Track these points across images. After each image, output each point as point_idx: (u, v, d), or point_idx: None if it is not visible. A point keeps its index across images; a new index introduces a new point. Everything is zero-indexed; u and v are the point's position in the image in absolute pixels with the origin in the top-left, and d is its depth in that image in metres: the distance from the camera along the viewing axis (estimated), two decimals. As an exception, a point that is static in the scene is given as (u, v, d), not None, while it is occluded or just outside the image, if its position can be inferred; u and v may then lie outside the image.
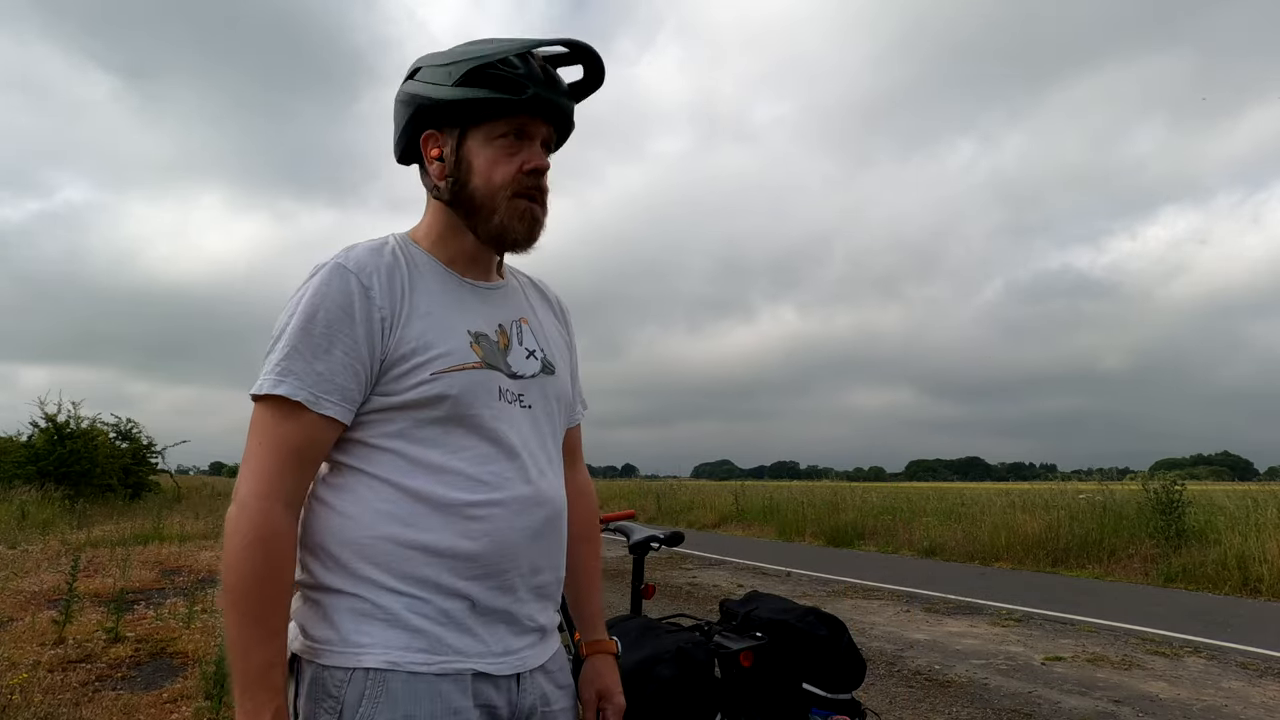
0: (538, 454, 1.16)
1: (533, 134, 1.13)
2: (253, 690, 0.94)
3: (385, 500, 1.05)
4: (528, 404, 1.16)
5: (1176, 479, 10.94)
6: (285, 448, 1.00)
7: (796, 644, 1.78)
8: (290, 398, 1.00)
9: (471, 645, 1.05)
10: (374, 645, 1.01)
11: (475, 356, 1.10)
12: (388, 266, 1.09)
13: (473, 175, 1.12)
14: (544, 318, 1.29)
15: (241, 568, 0.96)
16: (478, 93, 1.09)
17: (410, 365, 1.06)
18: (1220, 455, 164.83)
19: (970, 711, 4.26)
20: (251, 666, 0.95)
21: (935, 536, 12.74)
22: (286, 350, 1.02)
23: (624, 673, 1.61)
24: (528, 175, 1.11)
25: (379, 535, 1.03)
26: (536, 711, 1.13)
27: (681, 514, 19.93)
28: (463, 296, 1.15)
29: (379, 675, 0.99)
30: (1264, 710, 4.31)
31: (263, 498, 0.98)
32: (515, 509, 1.09)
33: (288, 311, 1.06)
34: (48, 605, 6.34)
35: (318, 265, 1.08)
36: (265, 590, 0.96)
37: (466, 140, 1.12)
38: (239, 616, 0.96)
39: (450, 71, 1.11)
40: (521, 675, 1.11)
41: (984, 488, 25.88)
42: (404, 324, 1.07)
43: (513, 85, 1.09)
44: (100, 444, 20.29)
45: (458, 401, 1.07)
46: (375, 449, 1.07)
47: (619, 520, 2.66)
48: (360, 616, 1.02)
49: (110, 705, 3.92)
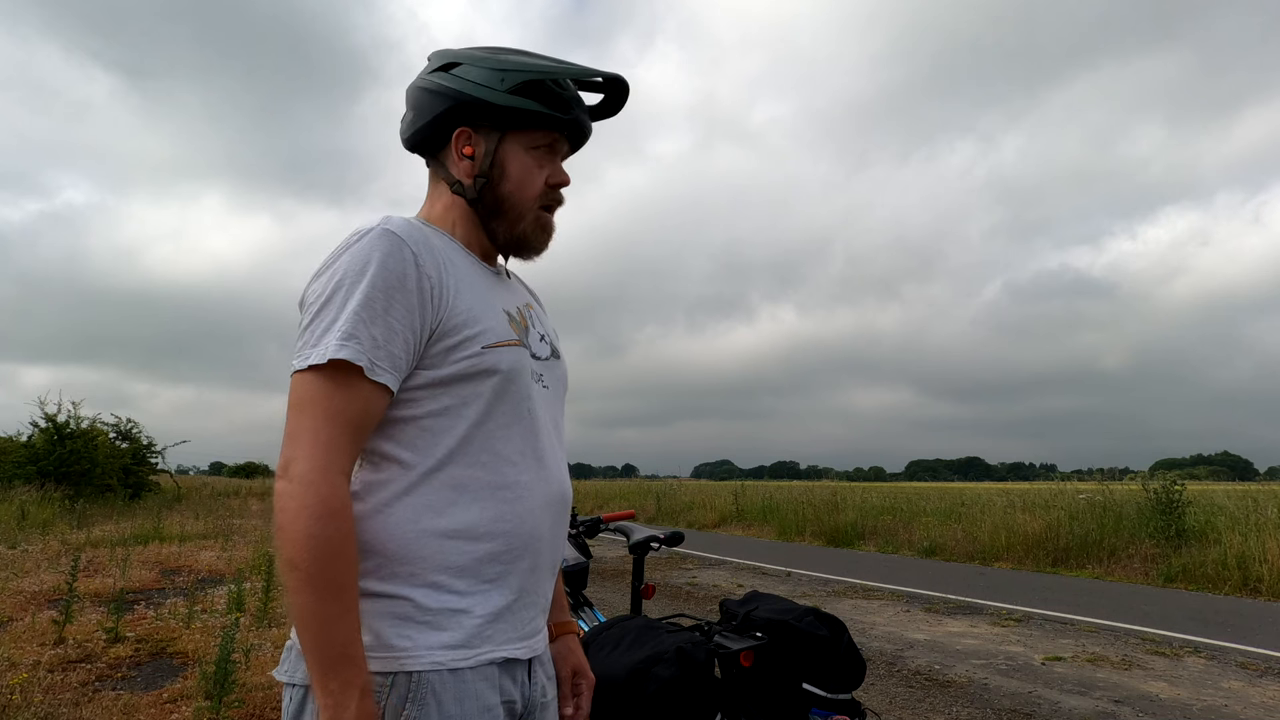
0: (553, 436, 1.18)
1: (560, 150, 1.20)
2: (338, 667, 0.90)
3: (420, 492, 1.03)
4: (546, 385, 1.18)
5: (1176, 479, 10.94)
6: (341, 418, 0.97)
7: (796, 644, 1.78)
8: (353, 361, 0.96)
9: (504, 631, 1.05)
10: (415, 648, 0.99)
11: (514, 334, 1.12)
12: (427, 239, 1.08)
13: (505, 180, 1.15)
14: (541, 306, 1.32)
15: (313, 541, 0.91)
16: (530, 104, 1.13)
17: (461, 337, 1.05)
18: (1220, 455, 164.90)
19: (970, 711, 4.26)
20: (334, 642, 0.91)
21: (935, 536, 12.74)
22: (347, 315, 0.98)
23: (624, 673, 1.61)
24: (554, 189, 1.18)
25: (417, 529, 1.01)
26: (538, 705, 1.13)
27: (681, 514, 19.92)
28: (487, 277, 1.17)
29: (422, 678, 0.98)
30: (1264, 710, 4.31)
31: (326, 469, 0.94)
32: (539, 490, 1.10)
33: (332, 277, 1.01)
34: (48, 605, 6.34)
35: (360, 230, 1.05)
36: (340, 563, 0.93)
37: (504, 144, 1.15)
38: (314, 592, 0.91)
39: (504, 77, 1.13)
40: (533, 661, 1.12)
41: (984, 488, 25.88)
42: (454, 295, 1.06)
43: (562, 104, 1.16)
44: (100, 444, 20.28)
45: (507, 377, 1.07)
46: (414, 429, 1.04)
47: (619, 520, 2.66)
48: (398, 619, 1.00)
49: (110, 705, 3.92)
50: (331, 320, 0.98)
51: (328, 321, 0.99)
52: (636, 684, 1.59)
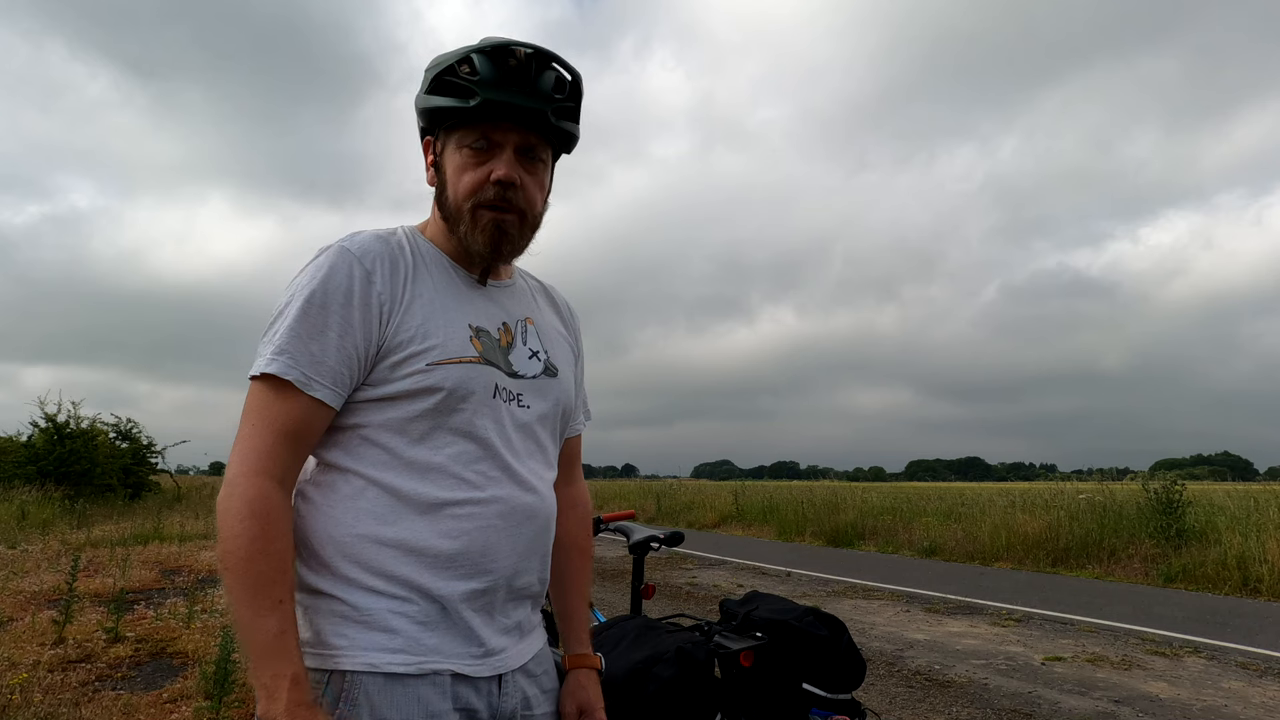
0: (528, 456, 1.15)
1: (500, 141, 1.09)
2: (268, 660, 0.92)
3: (368, 498, 1.04)
4: (526, 404, 1.15)
5: (1176, 479, 10.94)
6: (275, 426, 1.00)
7: (796, 644, 1.78)
8: (282, 376, 1.00)
9: (450, 645, 1.04)
10: (351, 647, 1.00)
11: (474, 351, 1.10)
12: (391, 253, 1.09)
13: (446, 183, 1.13)
14: (550, 321, 1.28)
15: (237, 540, 0.95)
16: (439, 100, 1.10)
17: (406, 354, 1.05)
18: (1220, 455, 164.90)
19: (970, 711, 4.26)
20: (263, 636, 0.93)
21: (935, 536, 12.73)
22: (283, 330, 1.02)
23: (624, 673, 1.61)
24: (493, 185, 1.08)
25: (359, 533, 1.03)
26: (518, 715, 1.12)
27: (681, 514, 19.92)
28: (467, 291, 1.15)
29: (355, 678, 0.98)
30: (1264, 710, 4.31)
31: (252, 474, 0.97)
32: (499, 510, 1.08)
33: (288, 292, 1.05)
34: (48, 605, 6.34)
35: (321, 248, 1.08)
36: (264, 560, 0.95)
37: (445, 147, 1.13)
38: (242, 589, 0.94)
39: (426, 78, 1.12)
40: (504, 677, 1.10)
41: (984, 488, 25.88)
42: (404, 312, 1.06)
43: (464, 91, 1.07)
44: (100, 444, 20.29)
45: (450, 395, 1.06)
46: (362, 441, 1.06)
47: (619, 520, 2.66)
48: (338, 619, 1.01)
49: (110, 705, 3.91)
50: (274, 334, 1.02)
51: (271, 334, 1.03)
52: (636, 684, 1.59)
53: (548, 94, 1.10)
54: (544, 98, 1.09)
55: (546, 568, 1.19)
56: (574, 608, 1.33)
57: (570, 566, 1.32)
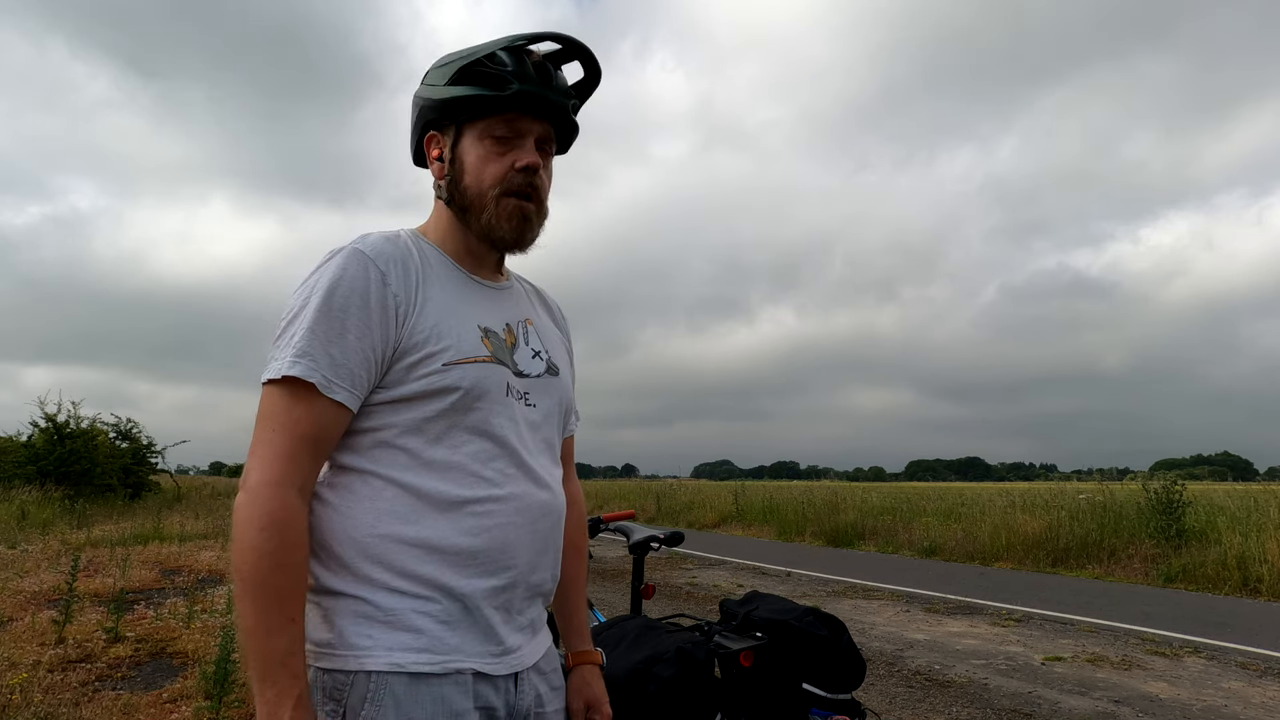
0: (540, 453, 1.16)
1: (524, 131, 1.13)
2: (273, 677, 0.92)
3: (387, 498, 1.04)
4: (533, 403, 1.17)
5: (1176, 479, 10.94)
6: (296, 431, 0.99)
7: (796, 644, 1.78)
8: (305, 379, 0.99)
9: (471, 644, 1.05)
10: (375, 647, 1.00)
11: (486, 350, 1.11)
12: (402, 255, 1.09)
13: (465, 174, 1.13)
14: (546, 322, 1.30)
15: (256, 553, 0.94)
16: (466, 90, 1.11)
17: (422, 355, 1.05)
18: (1220, 455, 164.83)
19: (970, 712, 4.26)
20: (271, 653, 0.92)
21: (935, 536, 12.74)
22: (302, 333, 1.01)
23: (624, 673, 1.61)
24: (518, 173, 1.12)
25: (381, 534, 1.03)
26: (532, 713, 1.13)
27: (681, 514, 19.92)
28: (472, 292, 1.16)
29: (381, 678, 0.99)
30: (1264, 710, 4.31)
31: (274, 484, 0.96)
32: (517, 507, 1.09)
33: (301, 295, 1.04)
34: (48, 605, 6.34)
35: (333, 250, 1.08)
36: (282, 575, 0.94)
37: (461, 139, 1.14)
38: (256, 603, 0.93)
39: (445, 71, 1.13)
40: (519, 675, 1.11)
41: (984, 488, 25.89)
42: (418, 313, 1.07)
43: (498, 81, 1.10)
44: (100, 444, 20.29)
45: (468, 394, 1.07)
46: (379, 444, 1.06)
47: (619, 520, 2.66)
48: (361, 619, 1.01)
49: (110, 705, 3.92)
50: (291, 336, 1.01)
51: (289, 337, 1.02)
52: (637, 684, 1.59)
53: (568, 90, 1.17)
54: (566, 93, 1.16)
55: (559, 564, 1.20)
56: (575, 605, 1.36)
57: (570, 565, 1.33)
